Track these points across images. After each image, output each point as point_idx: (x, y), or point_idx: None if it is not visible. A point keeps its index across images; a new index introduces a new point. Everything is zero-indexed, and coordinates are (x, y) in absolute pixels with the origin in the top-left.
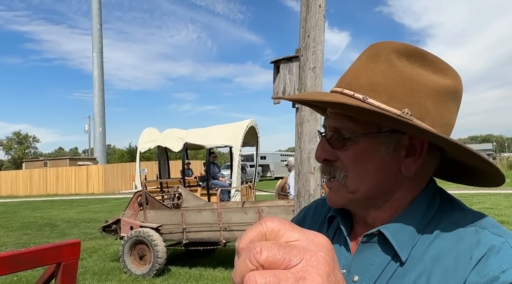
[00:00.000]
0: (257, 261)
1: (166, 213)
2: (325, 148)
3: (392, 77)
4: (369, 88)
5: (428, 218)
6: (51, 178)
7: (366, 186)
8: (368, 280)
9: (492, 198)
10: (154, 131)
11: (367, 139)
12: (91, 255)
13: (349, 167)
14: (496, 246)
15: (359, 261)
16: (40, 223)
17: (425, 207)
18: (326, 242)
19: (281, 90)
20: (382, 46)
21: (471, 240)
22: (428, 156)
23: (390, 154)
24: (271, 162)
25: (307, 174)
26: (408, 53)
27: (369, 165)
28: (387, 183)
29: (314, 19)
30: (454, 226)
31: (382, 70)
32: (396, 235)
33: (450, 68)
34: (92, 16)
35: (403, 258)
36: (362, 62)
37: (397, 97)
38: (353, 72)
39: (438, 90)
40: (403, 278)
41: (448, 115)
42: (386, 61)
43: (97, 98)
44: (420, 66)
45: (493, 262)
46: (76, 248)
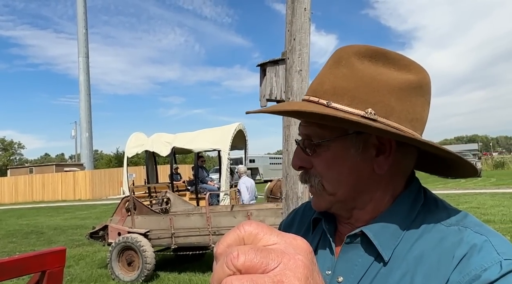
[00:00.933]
0: (234, 265)
1: (155, 218)
2: (300, 156)
3: (353, 80)
4: (332, 92)
5: (412, 217)
6: (37, 185)
7: (344, 188)
8: (352, 280)
9: (478, 198)
10: (142, 135)
11: (335, 143)
12: (78, 262)
13: (323, 173)
14: (478, 245)
15: (343, 261)
16: (26, 230)
17: (408, 206)
18: (305, 245)
19: (268, 93)
20: (343, 51)
21: (454, 239)
22: (400, 152)
23: (360, 154)
24: (260, 165)
25: (295, 176)
26: (370, 54)
27: (342, 168)
28: (363, 183)
29: (299, 22)
30: (437, 225)
31: (343, 73)
32: (378, 235)
33: (414, 64)
34: (77, 21)
35: (386, 258)
36: (327, 69)
37: (360, 98)
38: (319, 79)
39: (401, 87)
40: (387, 278)
41: (415, 110)
42: (347, 65)
43: (83, 103)
44: (383, 65)
45: (475, 261)
46: (61, 256)
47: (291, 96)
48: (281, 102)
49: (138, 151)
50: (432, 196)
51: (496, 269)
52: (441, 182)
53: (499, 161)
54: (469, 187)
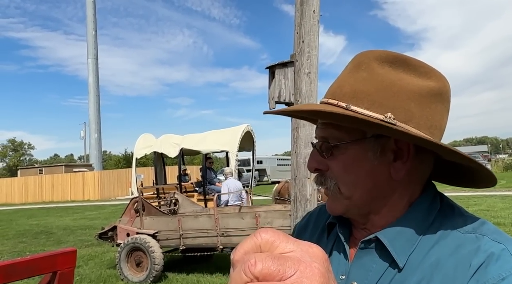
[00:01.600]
0: (251, 273)
1: (163, 219)
2: (316, 158)
3: (373, 84)
4: (352, 95)
5: (427, 223)
6: (46, 185)
7: (360, 192)
8: None
9: (488, 200)
10: (150, 137)
11: (353, 146)
12: (88, 262)
13: (339, 176)
14: (496, 253)
15: (357, 267)
16: (35, 231)
17: (424, 212)
18: (321, 252)
19: (276, 95)
20: (364, 55)
21: (471, 247)
22: (418, 158)
23: (378, 158)
24: (268, 167)
25: (303, 179)
26: (390, 60)
27: (359, 171)
28: (380, 188)
29: (308, 24)
30: (454, 232)
31: (363, 77)
32: (393, 241)
33: (434, 71)
34: (87, 22)
35: (401, 265)
36: (347, 72)
37: (379, 102)
38: (338, 82)
39: (421, 93)
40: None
41: (434, 117)
42: (367, 69)
43: (92, 104)
44: (404, 71)
45: (492, 270)
46: (72, 257)
47: (300, 98)
48: (291, 105)
49: (146, 152)
50: (449, 202)
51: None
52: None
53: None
54: (479, 189)
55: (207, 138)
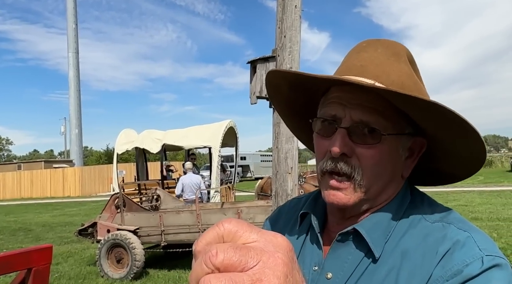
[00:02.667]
0: (212, 264)
1: (144, 215)
2: (345, 141)
3: (412, 80)
4: (400, 86)
5: (400, 214)
6: (25, 182)
7: (377, 186)
8: (341, 277)
9: (467, 196)
10: (132, 132)
11: (392, 138)
12: (67, 259)
13: (370, 166)
14: (461, 241)
15: (333, 258)
16: (13, 227)
17: (398, 204)
18: (285, 242)
19: (258, 90)
20: (399, 47)
21: (437, 235)
22: None
23: (403, 155)
24: (251, 163)
25: (284, 174)
26: (410, 60)
27: (388, 164)
28: (391, 184)
29: (290, 19)
30: (423, 222)
31: (406, 71)
32: (371, 233)
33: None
34: (67, 15)
35: (377, 255)
36: (383, 58)
37: None
38: (378, 65)
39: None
40: (374, 274)
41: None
42: (406, 64)
43: (73, 99)
44: (415, 71)
45: (457, 256)
46: (48, 253)
47: None
48: None
49: (128, 147)
50: (419, 193)
51: (477, 265)
52: None
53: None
54: (458, 185)
55: (190, 133)
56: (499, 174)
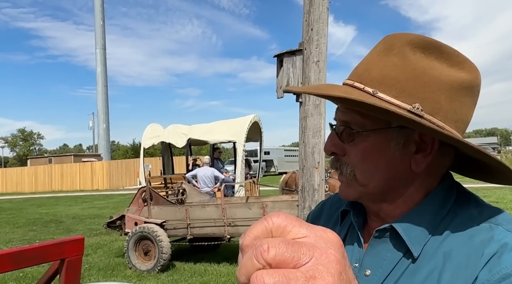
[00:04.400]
0: (264, 259)
1: (170, 208)
2: (334, 142)
3: (404, 71)
4: (380, 81)
5: (443, 213)
6: (56, 175)
7: (376, 181)
8: (380, 274)
9: (498, 192)
10: (158, 127)
11: (376, 135)
12: (96, 251)
13: (357, 163)
14: (510, 244)
15: (371, 255)
16: (45, 219)
17: (440, 202)
18: (336, 238)
19: (285, 84)
20: (396, 38)
21: (484, 237)
22: (440, 152)
23: (400, 150)
24: (275, 158)
25: (311, 168)
26: (423, 46)
27: (379, 161)
28: (398, 179)
29: (317, 12)
30: (468, 222)
31: (394, 63)
32: (409, 231)
33: (468, 61)
34: (94, 12)
35: (415, 254)
36: (375, 55)
37: (408, 92)
38: (366, 64)
39: (452, 85)
40: (415, 274)
41: (462, 111)
42: (399, 54)
43: (100, 95)
44: (436, 59)
45: (505, 260)
46: (80, 244)
47: None
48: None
49: (154, 142)
50: (465, 191)
51: None
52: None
53: None
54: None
55: (215, 128)
56: None
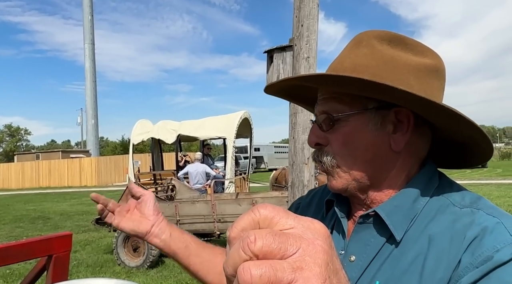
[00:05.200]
0: (251, 251)
1: (160, 205)
2: (317, 133)
3: (373, 58)
4: (353, 69)
5: (426, 198)
6: (43, 171)
7: (359, 165)
8: (364, 260)
9: (484, 188)
10: (147, 122)
11: (354, 118)
12: (85, 247)
13: (339, 149)
14: (490, 227)
15: (355, 241)
16: (32, 216)
17: (423, 187)
18: (323, 229)
19: (275, 80)
20: (364, 34)
21: (466, 221)
22: (417, 132)
23: (378, 130)
24: (265, 154)
25: (301, 164)
26: (389, 39)
27: (359, 143)
28: (379, 160)
29: (307, 8)
30: (451, 207)
31: (364, 53)
32: (391, 215)
33: (430, 50)
34: (83, 7)
35: (398, 238)
36: (347, 50)
37: (380, 75)
38: (339, 59)
39: (419, 68)
40: (399, 259)
41: (432, 92)
42: (368, 45)
43: (89, 90)
44: (402, 49)
45: (487, 242)
46: (68, 240)
47: None
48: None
49: (143, 138)
50: (448, 179)
51: (508, 250)
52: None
53: (505, 151)
54: (475, 177)
55: (205, 124)
56: None
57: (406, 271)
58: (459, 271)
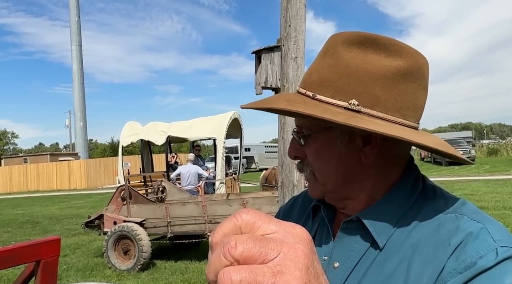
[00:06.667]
0: (231, 256)
1: (150, 207)
2: (295, 146)
3: (337, 70)
4: (318, 84)
5: (409, 204)
6: (31, 175)
7: (333, 179)
8: (348, 266)
9: (472, 185)
10: (136, 124)
11: (322, 135)
12: (75, 251)
13: (313, 163)
14: (474, 232)
15: (339, 247)
16: (21, 220)
17: (406, 193)
18: (305, 233)
19: (263, 80)
20: (332, 40)
21: (450, 227)
22: (391, 141)
23: (346, 146)
24: (256, 154)
25: (290, 164)
26: (359, 41)
27: (330, 159)
28: (352, 174)
29: (295, 8)
30: (435, 213)
31: (329, 64)
32: (374, 222)
33: (406, 49)
34: (69, 8)
35: (381, 245)
36: (317, 59)
37: (343, 89)
38: (309, 70)
39: (386, 75)
40: (384, 265)
41: (405, 97)
42: (333, 55)
43: (77, 92)
44: (373, 51)
45: (471, 248)
46: (56, 245)
47: (287, 83)
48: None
49: (133, 140)
50: (431, 184)
51: (492, 256)
52: (435, 170)
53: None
54: (463, 174)
55: (194, 125)
56: (505, 163)
57: (390, 277)
58: (442, 276)
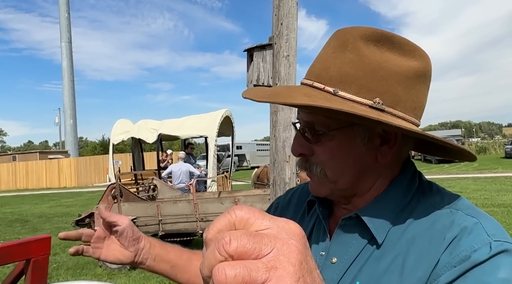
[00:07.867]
0: (226, 251)
1: (141, 205)
2: (301, 143)
3: (361, 67)
4: (339, 80)
5: (406, 201)
6: (20, 173)
7: (346, 177)
8: (346, 261)
9: (461, 182)
10: (127, 122)
11: (341, 133)
12: (65, 250)
13: (326, 161)
14: (469, 227)
15: (337, 243)
16: (10, 219)
17: (403, 190)
18: (298, 229)
19: (255, 78)
20: (348, 33)
21: (445, 221)
22: (403, 141)
23: (365, 145)
24: (247, 152)
25: (282, 162)
26: (375, 38)
27: (346, 158)
28: (366, 172)
29: (287, 6)
30: (430, 209)
31: (350, 59)
32: (373, 218)
33: (418, 49)
34: (59, 4)
35: (379, 241)
36: (330, 51)
37: (368, 87)
38: (322, 62)
39: (407, 75)
40: (380, 260)
41: (418, 98)
42: (354, 50)
43: (67, 90)
44: (388, 50)
45: (465, 242)
46: (46, 243)
47: (279, 81)
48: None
49: (123, 138)
50: (427, 180)
51: (485, 250)
52: (425, 167)
53: (481, 146)
54: (452, 172)
55: (186, 123)
56: (493, 161)
57: (386, 271)
58: (437, 270)
